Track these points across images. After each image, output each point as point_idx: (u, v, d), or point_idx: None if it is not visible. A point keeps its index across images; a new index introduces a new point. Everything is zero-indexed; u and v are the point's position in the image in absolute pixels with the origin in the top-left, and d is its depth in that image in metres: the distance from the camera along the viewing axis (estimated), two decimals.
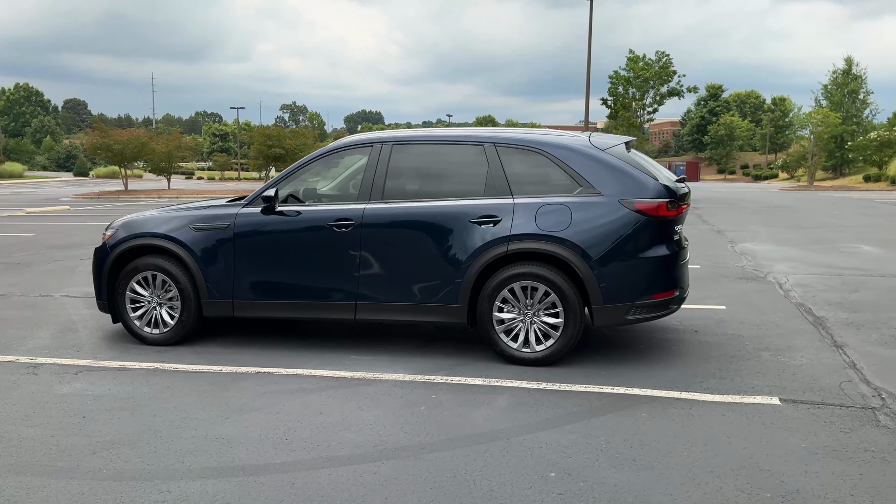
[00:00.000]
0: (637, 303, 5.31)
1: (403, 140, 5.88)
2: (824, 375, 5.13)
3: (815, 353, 5.71)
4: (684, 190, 5.72)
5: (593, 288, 5.27)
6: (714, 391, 4.83)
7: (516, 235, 5.37)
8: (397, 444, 4.02)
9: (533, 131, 5.86)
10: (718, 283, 8.84)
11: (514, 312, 5.45)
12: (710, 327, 6.55)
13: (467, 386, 5.00)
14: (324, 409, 4.57)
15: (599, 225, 5.29)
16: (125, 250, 6.17)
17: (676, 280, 5.50)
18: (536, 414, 4.46)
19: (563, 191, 5.43)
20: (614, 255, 5.27)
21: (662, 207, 5.29)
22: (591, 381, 5.04)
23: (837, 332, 6.37)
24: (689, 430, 4.16)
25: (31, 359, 5.74)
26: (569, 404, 4.62)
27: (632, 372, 5.27)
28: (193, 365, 5.55)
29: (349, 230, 5.67)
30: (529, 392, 4.86)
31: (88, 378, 5.27)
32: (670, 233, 5.43)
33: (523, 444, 3.99)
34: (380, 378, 5.19)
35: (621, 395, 4.78)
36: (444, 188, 5.77)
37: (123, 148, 31.42)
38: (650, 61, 32.39)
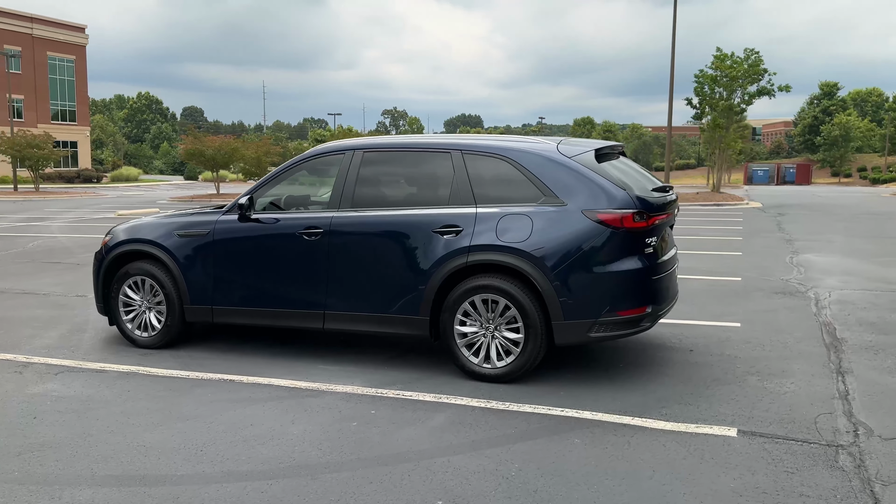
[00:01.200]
0: (601, 320, 4.99)
1: (374, 147, 5.79)
2: (804, 406, 4.65)
3: (809, 379, 5.19)
4: (662, 200, 5.34)
5: (553, 303, 5.00)
6: (671, 418, 4.46)
7: (476, 246, 5.17)
8: (305, 461, 3.93)
9: (502, 138, 5.62)
10: (749, 298, 8.23)
11: (475, 326, 5.25)
12: (710, 346, 6.09)
13: (414, 402, 4.84)
14: (257, 421, 4.53)
15: (560, 236, 5.01)
16: (118, 255, 6.39)
17: (648, 296, 5.13)
18: (465, 435, 4.25)
19: (527, 200, 5.18)
20: (575, 269, 4.98)
21: (627, 219, 4.95)
22: (545, 402, 4.77)
23: (850, 356, 5.77)
24: (616, 461, 3.85)
25: (27, 358, 6.02)
26: (505, 426, 4.39)
27: (595, 393, 4.96)
28: (166, 369, 5.66)
29: (318, 238, 5.63)
30: (473, 411, 4.66)
31: (64, 379, 5.46)
32: (639, 245, 5.06)
33: (430, 468, 3.80)
34: (333, 390, 5.11)
35: (567, 419, 4.50)
36: (411, 196, 5.64)
37: (215, 154, 32.91)
38: (738, 59, 30.73)
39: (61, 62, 69.53)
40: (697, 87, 31.34)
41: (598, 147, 5.42)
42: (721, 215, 22.25)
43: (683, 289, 8.66)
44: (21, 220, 21.29)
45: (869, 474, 3.65)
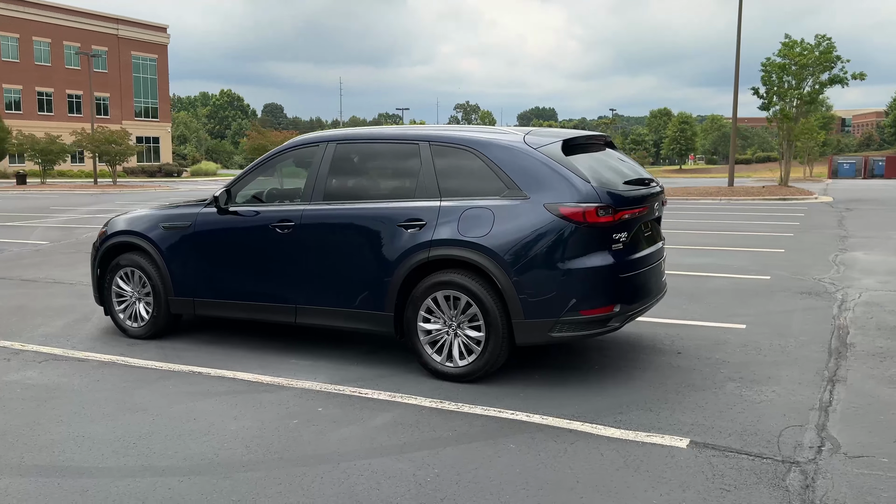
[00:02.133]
0: (563, 319, 4.74)
1: (345, 139, 5.68)
2: (775, 417, 4.28)
3: (794, 388, 4.79)
4: (636, 194, 5.03)
5: (513, 300, 4.78)
6: (623, 425, 4.19)
7: (437, 241, 4.99)
8: (227, 459, 3.86)
9: (471, 129, 5.41)
10: (769, 297, 7.73)
11: (439, 323, 5.08)
12: (702, 349, 5.72)
13: (367, 400, 4.72)
14: (201, 416, 4.50)
15: (521, 231, 4.78)
16: (109, 246, 6.51)
17: (617, 294, 4.84)
18: (399, 437, 4.10)
19: (492, 193, 4.97)
20: (536, 265, 4.74)
21: (590, 213, 4.67)
22: (500, 404, 4.57)
23: (851, 363, 5.31)
24: (543, 470, 3.63)
25: (23, 345, 6.20)
26: (445, 428, 4.21)
27: (557, 395, 4.72)
28: (144, 360, 5.71)
29: (289, 231, 5.57)
30: (421, 411, 4.50)
31: (46, 367, 5.58)
32: (605, 241, 4.78)
33: (346, 471, 3.67)
34: (292, 385, 5.04)
35: (513, 422, 4.28)
36: (380, 189, 5.51)
37: None
38: (808, 46, 29.03)
39: (144, 61, 72.48)
40: (764, 76, 29.78)
41: (567, 137, 5.15)
42: (782, 210, 21.17)
43: (704, 287, 8.27)
44: (89, 212, 22.26)
45: (815, 496, 3.31)
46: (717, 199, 25.82)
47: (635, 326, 6.46)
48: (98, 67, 67.32)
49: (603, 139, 5.76)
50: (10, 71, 61.43)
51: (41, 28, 63.11)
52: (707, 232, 14.69)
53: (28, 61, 62.75)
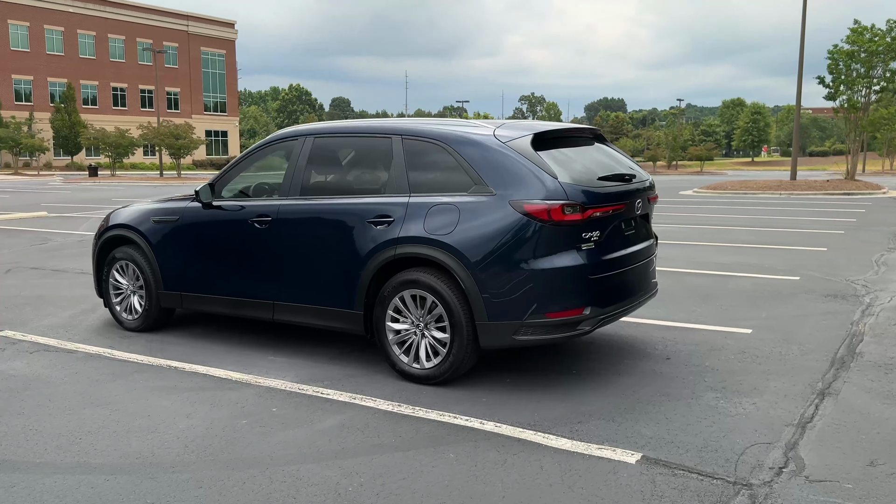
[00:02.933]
0: (527, 322, 4.52)
1: (323, 132, 5.56)
2: (745, 432, 3.96)
3: (777, 400, 4.43)
4: (611, 191, 4.74)
5: (476, 301, 4.58)
6: (578, 436, 3.95)
7: (404, 238, 4.83)
8: (161, 459, 3.80)
9: (443, 122, 5.20)
10: (789, 300, 7.27)
11: (407, 323, 4.93)
12: (693, 356, 5.39)
13: (326, 401, 4.61)
14: (157, 412, 4.48)
15: (486, 229, 4.57)
16: (106, 239, 6.60)
17: (587, 296, 4.58)
18: (341, 441, 3.97)
19: (459, 189, 4.77)
20: (500, 265, 4.53)
21: (556, 211, 4.43)
22: (457, 409, 4.39)
23: (851, 375, 4.90)
24: (472, 482, 3.44)
25: (23, 335, 6.35)
26: (391, 433, 4.06)
27: (521, 401, 4.50)
28: (128, 353, 5.75)
29: (266, 227, 5.51)
30: (374, 415, 4.35)
31: (33, 358, 5.67)
32: (574, 240, 4.52)
33: (272, 477, 3.56)
34: (258, 383, 4.97)
35: (463, 429, 4.09)
36: (354, 184, 5.39)
37: None
38: (879, 32, 27.33)
39: (213, 56, 74.49)
40: (831, 65, 28.23)
41: (540, 131, 4.89)
42: (843, 206, 20.09)
43: (722, 287, 7.83)
44: None
45: None
46: (777, 193, 24.73)
47: (631, 328, 6.15)
48: (169, 63, 69.67)
49: (592, 133, 5.48)
50: (87, 67, 64.08)
51: (116, 26, 65.58)
52: (751, 228, 14.04)
53: (104, 58, 65.34)
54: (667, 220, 15.76)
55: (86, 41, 64.05)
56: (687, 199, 23.37)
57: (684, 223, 15.25)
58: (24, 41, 60.23)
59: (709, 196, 25.09)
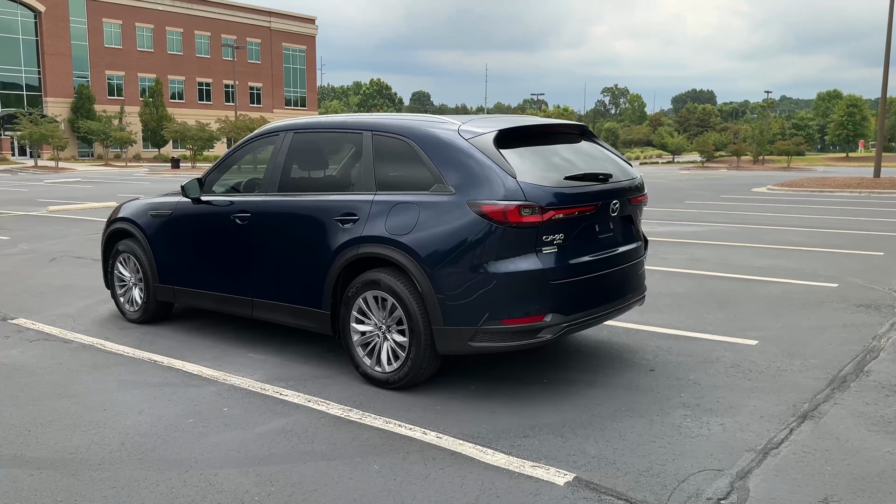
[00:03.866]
0: (483, 328, 4.30)
1: (301, 128, 5.47)
2: (698, 456, 3.63)
3: (751, 421, 4.06)
4: (579, 191, 4.45)
5: (432, 304, 4.40)
6: (517, 451, 3.72)
7: (366, 237, 4.69)
8: (93, 456, 3.78)
9: (411, 117, 5.00)
10: (814, 309, 6.72)
11: (370, 325, 4.79)
12: (680, 368, 5.03)
13: (278, 402, 4.53)
14: (113, 407, 4.50)
15: (443, 230, 4.38)
16: (111, 232, 6.74)
17: (549, 303, 4.32)
18: (274, 447, 3.87)
19: (421, 187, 4.59)
20: (456, 268, 4.33)
21: (512, 212, 4.18)
22: (405, 417, 4.22)
23: (847, 396, 4.45)
24: (381, 498, 3.27)
25: (33, 323, 6.55)
26: (325, 441, 3.93)
27: (475, 411, 4.29)
28: (119, 345, 5.83)
29: (246, 223, 5.48)
30: (320, 419, 4.24)
31: (32, 346, 5.83)
32: (534, 243, 4.26)
33: (188, 481, 3.49)
34: (225, 381, 4.95)
35: (403, 439, 3.93)
36: (326, 180, 5.30)
37: None
38: None
39: (294, 52, 76.23)
40: None
41: (507, 127, 4.63)
42: None
43: (746, 293, 7.32)
44: None
45: None
46: (855, 192, 23.25)
47: (627, 336, 5.82)
48: (252, 59, 71.77)
49: (577, 129, 5.19)
50: (175, 63, 66.72)
51: (202, 23, 67.98)
52: (809, 229, 13.20)
53: (190, 54, 67.86)
54: (720, 219, 15.03)
55: (174, 38, 66.67)
56: (755, 197, 22.28)
57: (738, 222, 14.50)
58: (116, 38, 63.20)
59: (781, 194, 23.85)
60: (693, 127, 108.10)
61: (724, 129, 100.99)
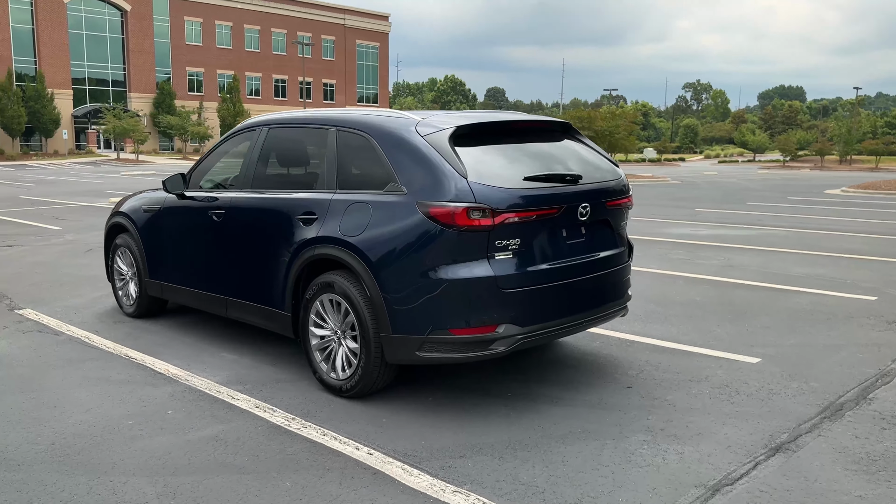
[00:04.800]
0: (430, 337, 4.03)
1: (275, 123, 5.31)
2: (637, 490, 3.26)
3: (713, 451, 3.64)
4: (539, 193, 4.11)
5: (381, 311, 4.15)
6: (441, 474, 3.44)
7: (321, 238, 4.49)
8: (19, 455, 3.70)
9: (374, 112, 4.75)
10: (839, 325, 6.12)
11: (328, 329, 4.59)
12: (660, 387, 4.61)
13: (226, 407, 4.37)
14: (68, 404, 4.43)
15: (392, 232, 4.13)
16: (110, 226, 6.77)
17: (502, 312, 4.01)
18: (199, 456, 3.70)
19: (377, 186, 4.35)
20: (403, 272, 4.07)
21: (460, 214, 3.89)
22: (345, 430, 3.99)
23: (837, 426, 3.96)
24: None
25: (37, 315, 6.65)
26: (249, 453, 3.73)
27: (420, 426, 4.03)
28: (105, 339, 5.82)
29: (221, 220, 5.37)
30: (258, 428, 4.05)
31: (23, 337, 5.89)
32: (484, 248, 3.96)
33: (94, 488, 3.37)
34: (185, 381, 4.84)
35: (331, 453, 3.70)
36: (293, 178, 5.13)
37: None
38: None
39: (367, 49, 77.06)
40: None
41: (464, 123, 4.33)
42: None
43: (769, 305, 6.78)
44: None
45: None
46: None
47: (619, 348, 5.43)
48: (326, 56, 72.96)
49: (559, 126, 4.84)
50: (252, 60, 68.45)
51: (279, 20, 69.49)
52: (867, 235, 12.26)
53: (267, 51, 69.48)
54: (778, 223, 14.17)
55: (251, 35, 68.39)
56: (825, 200, 21.02)
57: (796, 226, 13.63)
58: (197, 36, 65.31)
59: (854, 196, 22.42)
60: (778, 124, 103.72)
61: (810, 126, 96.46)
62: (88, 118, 58.88)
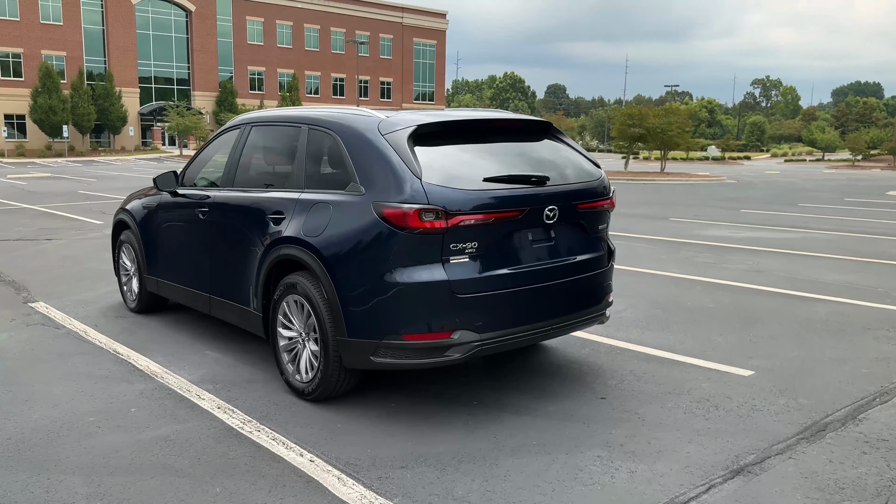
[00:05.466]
0: (384, 342, 3.92)
1: (257, 121, 5.28)
2: None
3: (667, 472, 3.41)
4: (498, 195, 3.95)
5: (337, 313, 4.07)
6: (376, 485, 3.33)
7: (286, 238, 4.43)
8: None
9: (345, 109, 4.63)
10: (853, 337, 5.72)
11: (294, 331, 4.53)
12: (636, 398, 4.39)
13: (189, 406, 4.36)
14: (37, 398, 4.49)
15: (349, 233, 4.05)
16: (116, 222, 6.89)
17: (457, 318, 3.86)
18: (141, 456, 3.68)
19: (341, 185, 4.26)
20: (358, 275, 3.98)
21: (412, 216, 3.76)
22: (296, 434, 3.92)
23: (811, 449, 3.66)
24: None
25: (47, 308, 6.79)
26: (195, 455, 3.70)
27: (372, 433, 3.92)
28: (99, 334, 5.90)
29: (205, 218, 5.38)
30: (211, 430, 4.00)
31: (25, 331, 6.01)
32: (438, 251, 3.82)
33: (31, 484, 3.38)
34: (161, 379, 4.84)
35: (275, 459, 3.64)
36: (267, 176, 5.09)
37: None
38: None
39: (424, 47, 77.30)
40: None
41: (425, 122, 4.18)
42: None
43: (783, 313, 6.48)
44: None
45: None
46: None
47: (609, 356, 5.21)
48: (384, 54, 73.51)
49: (537, 126, 4.66)
50: (311, 59, 69.48)
51: (337, 19, 70.34)
52: None
53: (326, 50, 70.41)
54: (825, 226, 13.51)
55: (311, 34, 69.39)
56: (884, 202, 20.00)
57: (842, 229, 12.96)
58: (258, 35, 66.65)
59: None
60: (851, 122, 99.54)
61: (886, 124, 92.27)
62: (154, 116, 60.78)
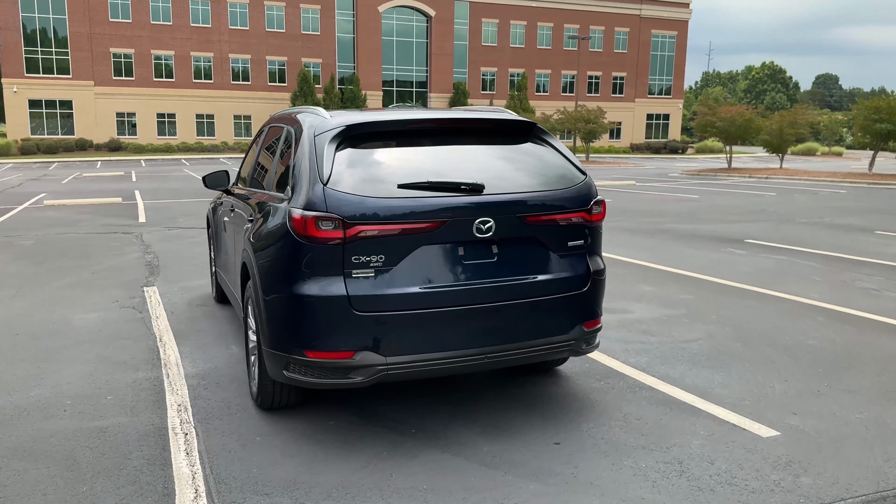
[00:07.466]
0: (293, 357, 3.67)
1: (272, 121, 5.27)
2: None
3: None
4: (414, 203, 3.50)
5: (261, 322, 3.89)
6: None
7: (247, 241, 4.35)
8: None
9: (311, 110, 4.35)
10: None
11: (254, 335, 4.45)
12: (599, 448, 3.65)
13: (156, 403, 4.44)
14: (45, 376, 4.86)
15: (269, 238, 3.89)
16: (207, 217, 7.34)
17: (359, 338, 3.50)
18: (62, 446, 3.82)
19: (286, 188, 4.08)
20: (272, 282, 3.79)
21: (309, 223, 3.48)
22: (213, 443, 3.84)
23: None
24: None
25: (153, 291, 7.45)
26: (99, 451, 3.76)
27: (292, 453, 3.71)
28: (166, 321, 6.35)
29: (228, 218, 5.52)
30: (150, 427, 4.06)
31: (111, 312, 6.66)
32: (338, 263, 3.48)
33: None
34: (167, 369, 5.05)
35: (162, 466, 3.58)
36: (262, 177, 5.03)
37: (727, 125, 30.81)
38: None
39: (663, 38, 73.80)
40: None
41: (356, 122, 3.81)
42: None
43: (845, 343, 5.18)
44: None
45: None
46: None
47: (612, 394, 4.45)
48: (618, 48, 71.48)
49: (516, 127, 4.09)
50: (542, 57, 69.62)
51: (571, 15, 69.68)
52: None
53: (558, 47, 70.08)
54: None
55: (543, 33, 69.46)
56: None
57: None
58: (492, 37, 68.18)
59: None
60: None
61: None
62: None
